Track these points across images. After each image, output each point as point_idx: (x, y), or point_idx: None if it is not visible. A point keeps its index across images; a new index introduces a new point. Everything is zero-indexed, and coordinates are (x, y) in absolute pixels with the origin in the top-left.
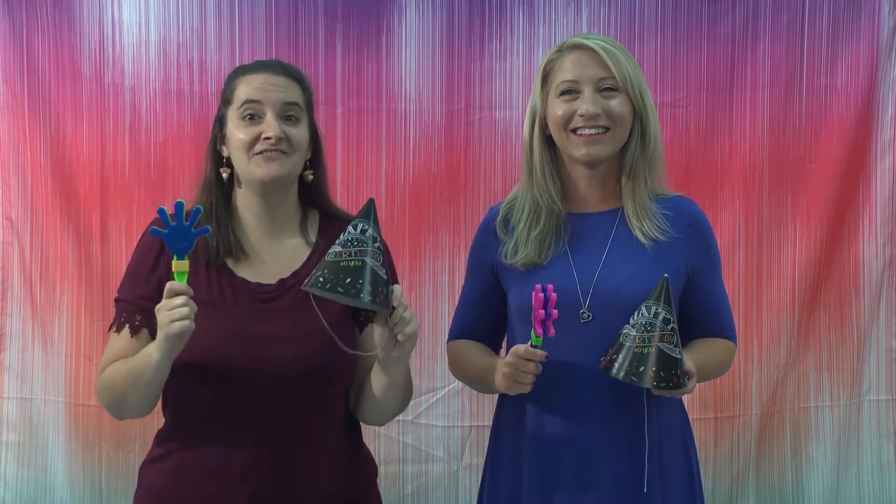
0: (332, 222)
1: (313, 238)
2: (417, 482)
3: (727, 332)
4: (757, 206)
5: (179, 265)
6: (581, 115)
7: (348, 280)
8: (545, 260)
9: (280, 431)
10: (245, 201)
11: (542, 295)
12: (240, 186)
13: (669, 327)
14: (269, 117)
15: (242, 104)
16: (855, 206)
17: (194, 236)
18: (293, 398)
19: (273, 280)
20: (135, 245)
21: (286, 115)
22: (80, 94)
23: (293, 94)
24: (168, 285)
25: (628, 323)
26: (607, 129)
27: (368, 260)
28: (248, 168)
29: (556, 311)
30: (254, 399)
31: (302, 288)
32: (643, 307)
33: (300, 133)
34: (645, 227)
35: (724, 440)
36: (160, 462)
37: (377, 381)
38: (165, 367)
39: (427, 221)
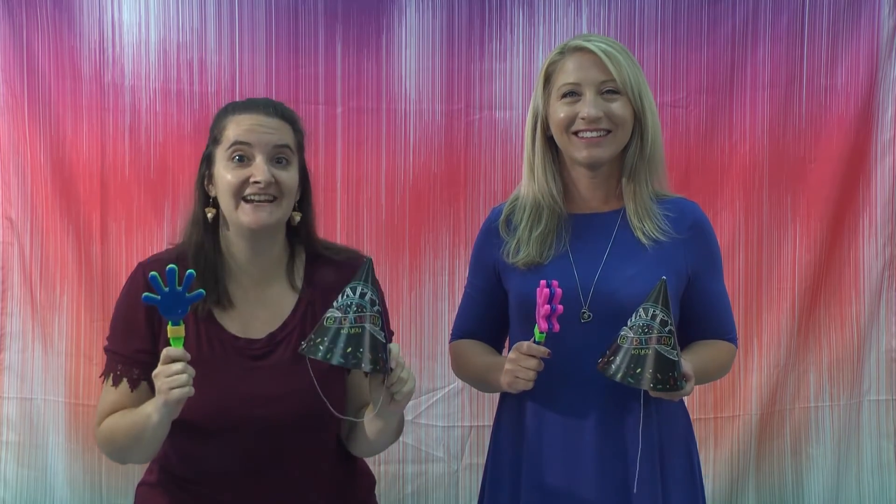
0: (319, 263)
1: (299, 284)
2: (417, 482)
3: (728, 335)
4: (757, 206)
5: (175, 331)
6: (583, 119)
7: (349, 349)
8: (546, 259)
9: (272, 467)
10: (232, 244)
11: (547, 290)
12: (227, 228)
13: (667, 329)
14: (259, 161)
15: (231, 145)
16: (855, 206)
17: (188, 302)
18: (286, 453)
19: (262, 334)
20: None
21: (276, 158)
22: (80, 95)
23: (284, 136)
24: (165, 352)
25: (626, 325)
26: (608, 131)
27: (368, 326)
28: (236, 214)
29: (561, 307)
30: (246, 447)
31: (299, 352)
32: (641, 309)
33: (290, 177)
34: (646, 227)
35: (724, 440)
36: (155, 488)
37: (371, 426)
38: (165, 426)
39: (427, 221)
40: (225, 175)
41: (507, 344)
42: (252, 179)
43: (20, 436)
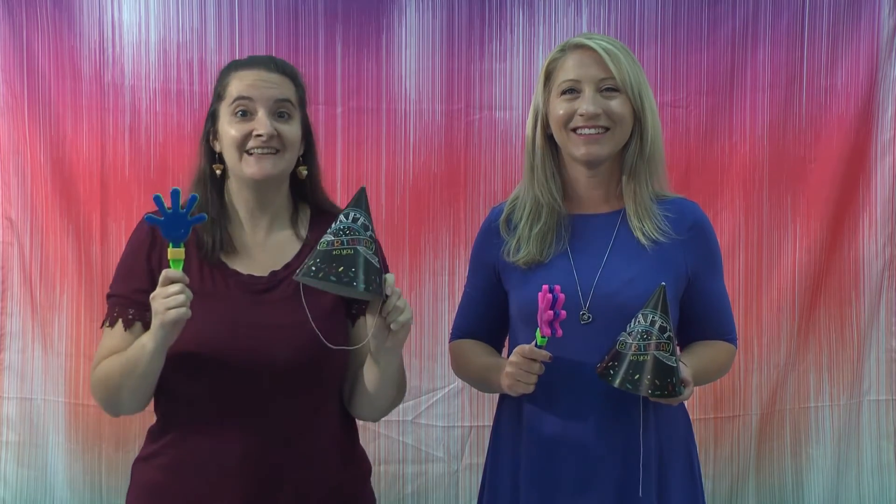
0: (323, 217)
1: (304, 233)
2: (417, 482)
3: (728, 335)
4: (757, 207)
5: (175, 253)
6: (581, 115)
7: (341, 269)
8: (547, 258)
9: (274, 426)
10: (237, 196)
11: (550, 295)
12: (233, 182)
13: (665, 336)
14: (261, 114)
15: (234, 101)
16: (855, 206)
17: (190, 223)
18: (287, 392)
19: (265, 273)
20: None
21: (278, 112)
22: (80, 94)
23: (285, 90)
24: (164, 273)
25: (625, 330)
26: (606, 129)
27: (361, 248)
28: (240, 166)
29: (564, 312)
30: (248, 390)
31: (294, 278)
32: (640, 315)
33: (292, 130)
34: (646, 227)
35: (724, 440)
36: (152, 459)
37: (370, 374)
38: (160, 356)
39: (427, 221)
40: (229, 129)
41: (506, 343)
42: (255, 133)
43: (20, 436)
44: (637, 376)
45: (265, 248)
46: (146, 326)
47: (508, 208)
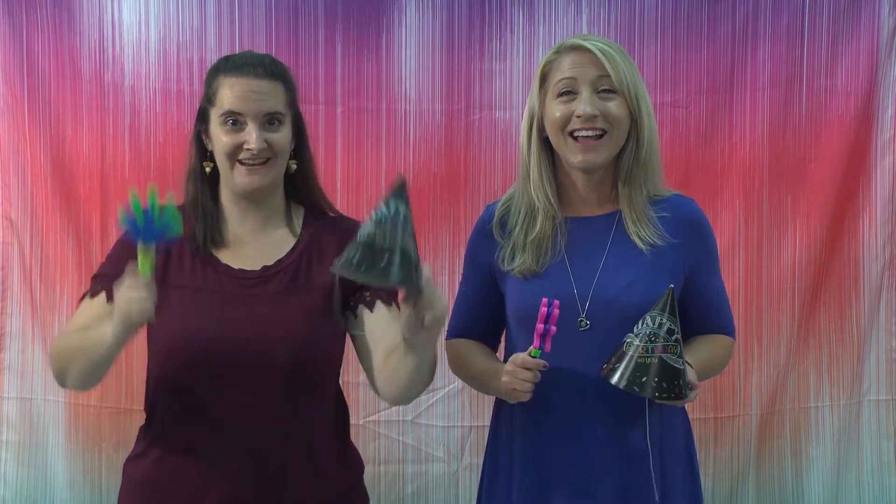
0: (317, 214)
1: (298, 229)
2: (417, 482)
3: (726, 328)
4: (757, 206)
5: (145, 254)
6: (578, 116)
7: (382, 262)
8: (542, 267)
9: (264, 422)
10: (228, 197)
11: (545, 310)
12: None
13: (673, 338)
14: (251, 128)
15: (223, 113)
16: (855, 206)
17: (163, 231)
18: (277, 387)
19: (257, 267)
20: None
21: (268, 121)
22: (80, 94)
23: (275, 100)
24: (129, 270)
25: (632, 332)
26: (604, 132)
27: (401, 240)
28: (231, 175)
29: (554, 328)
30: (238, 384)
31: (332, 270)
32: (647, 317)
33: (282, 137)
34: (642, 232)
35: (724, 440)
36: (144, 456)
37: (406, 362)
38: (117, 348)
39: (427, 221)
40: (220, 137)
41: (503, 343)
42: (245, 146)
43: (20, 436)
44: (643, 378)
45: (258, 243)
46: None
47: (502, 210)
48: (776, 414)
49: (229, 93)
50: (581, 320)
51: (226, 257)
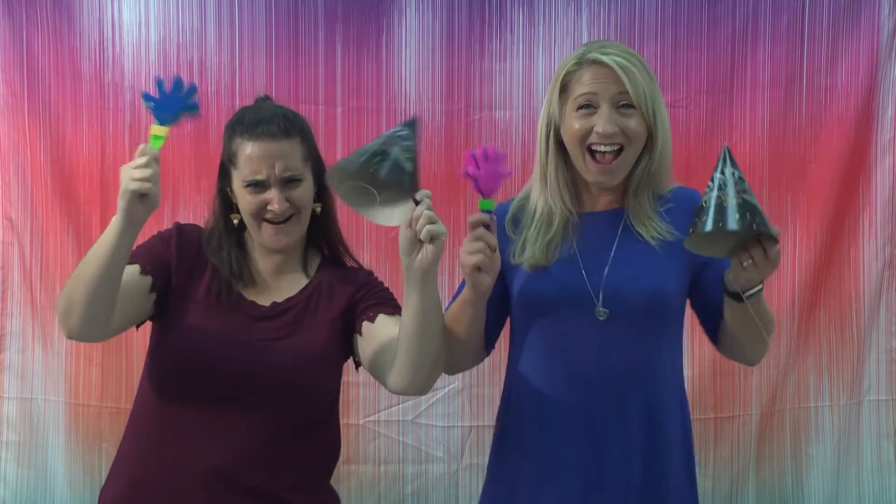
0: (334, 266)
1: (312, 273)
2: (417, 482)
3: None
4: None
5: (158, 129)
6: (598, 133)
7: (370, 155)
8: (551, 262)
9: (249, 445)
10: (253, 247)
11: (472, 153)
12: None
13: (745, 184)
14: (274, 191)
15: (245, 181)
16: (855, 206)
17: (182, 108)
18: (267, 411)
19: (266, 303)
20: (136, 245)
21: (288, 180)
22: (80, 94)
23: (293, 159)
24: (140, 147)
25: (706, 191)
26: (621, 147)
27: (396, 150)
28: (258, 233)
29: (502, 171)
30: (230, 409)
31: (326, 176)
32: (715, 173)
33: (303, 193)
34: (651, 231)
35: (724, 440)
36: (117, 476)
37: (406, 313)
38: (123, 240)
39: None
40: (245, 197)
41: (509, 344)
42: (269, 207)
43: (20, 436)
44: (727, 215)
45: (273, 283)
46: (153, 286)
47: (515, 207)
48: (776, 414)
49: (248, 162)
50: (599, 309)
51: (241, 289)
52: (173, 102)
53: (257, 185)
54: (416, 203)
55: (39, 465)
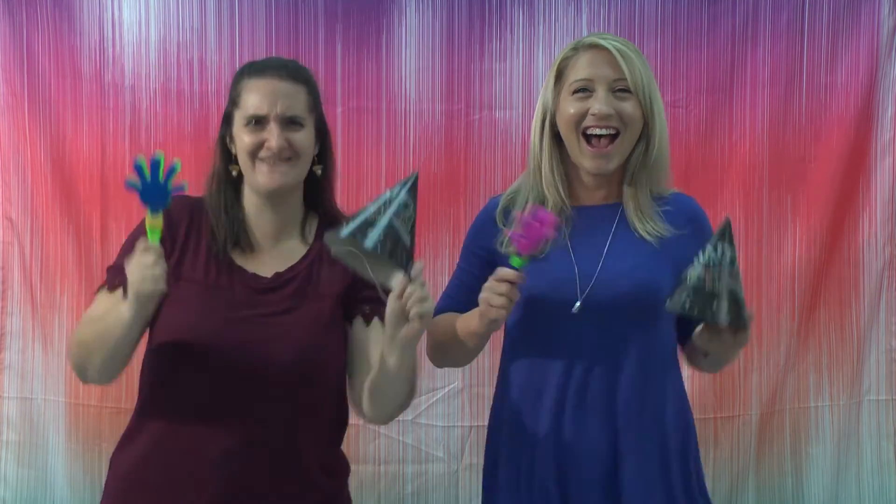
0: (332, 225)
1: (311, 239)
2: (417, 482)
3: None
4: (757, 206)
5: (153, 221)
6: (593, 115)
7: (363, 222)
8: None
9: (258, 425)
10: (250, 200)
11: (522, 214)
12: (246, 184)
13: (735, 267)
14: (272, 126)
15: (246, 115)
16: (855, 206)
17: (169, 192)
18: (276, 391)
19: (269, 274)
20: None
21: (290, 123)
22: (80, 94)
23: (297, 102)
24: (139, 242)
25: (695, 261)
26: (617, 132)
27: (396, 221)
28: (252, 175)
29: (550, 233)
30: (235, 386)
31: (324, 240)
32: (709, 247)
33: (303, 138)
34: (647, 226)
35: (724, 440)
36: (129, 449)
37: (382, 368)
38: (135, 326)
39: (427, 221)
40: (242, 137)
41: (503, 338)
42: (266, 145)
43: (20, 436)
44: (714, 305)
45: (273, 251)
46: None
47: (506, 200)
48: (776, 414)
49: (252, 95)
50: (577, 304)
51: (241, 260)
52: (158, 188)
53: (258, 122)
54: (410, 280)
55: (39, 465)
